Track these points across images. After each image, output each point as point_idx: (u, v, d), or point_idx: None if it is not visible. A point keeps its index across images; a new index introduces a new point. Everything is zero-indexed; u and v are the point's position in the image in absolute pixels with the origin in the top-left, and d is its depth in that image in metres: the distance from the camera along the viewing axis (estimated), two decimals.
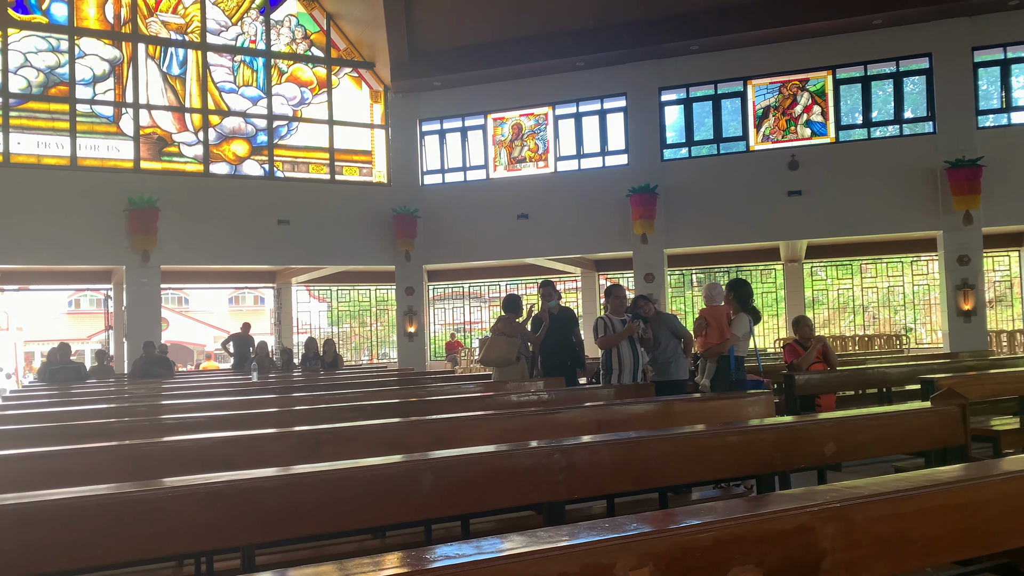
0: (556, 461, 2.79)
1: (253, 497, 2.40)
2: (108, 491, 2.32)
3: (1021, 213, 13.95)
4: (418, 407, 5.33)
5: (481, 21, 15.99)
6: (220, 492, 2.35)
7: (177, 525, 2.29)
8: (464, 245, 16.67)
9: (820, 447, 3.56)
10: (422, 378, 9.98)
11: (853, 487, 2.06)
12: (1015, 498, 2.29)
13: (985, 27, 13.89)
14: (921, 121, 14.43)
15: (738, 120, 15.36)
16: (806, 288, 18.12)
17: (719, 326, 6.58)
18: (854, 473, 6.53)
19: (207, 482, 2.38)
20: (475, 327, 21.33)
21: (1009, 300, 17.35)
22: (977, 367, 8.33)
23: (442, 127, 17.24)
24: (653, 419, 4.49)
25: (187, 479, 2.45)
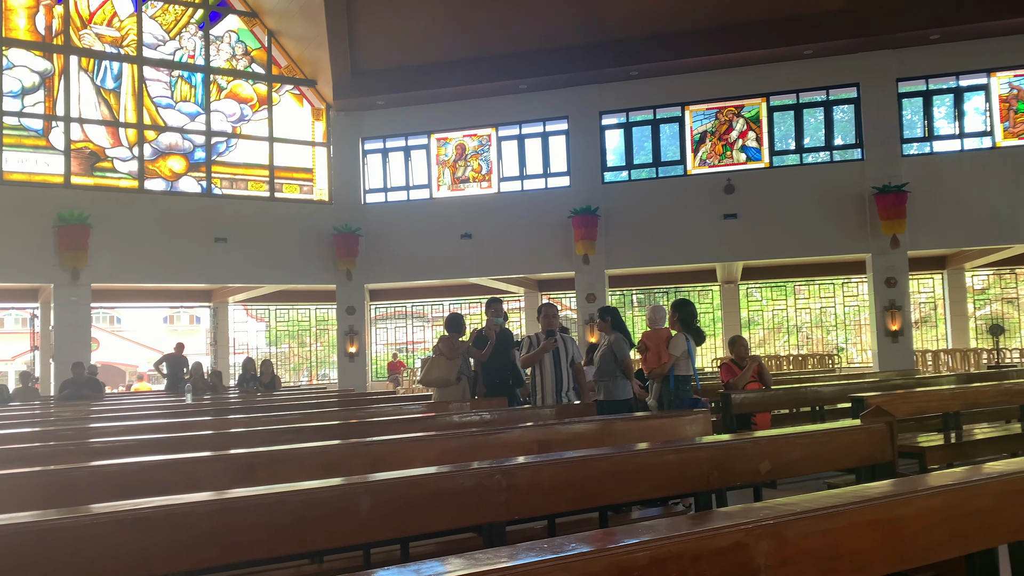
0: (497, 482, 2.78)
1: (184, 523, 2.33)
2: (29, 519, 2.22)
3: (944, 238, 14.57)
4: (358, 429, 5.26)
5: (425, 42, 16.04)
6: (149, 518, 2.27)
7: (103, 553, 2.20)
8: (407, 264, 16.59)
9: (755, 465, 3.63)
10: (362, 399, 9.84)
11: (786, 504, 2.11)
12: (939, 512, 2.37)
13: (908, 60, 14.55)
14: (850, 148, 14.98)
15: (676, 145, 15.71)
16: (742, 309, 18.54)
17: (657, 349, 6.72)
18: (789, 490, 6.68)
19: (135, 508, 2.30)
20: (418, 347, 21.19)
21: (934, 321, 18.05)
22: (904, 386, 8.61)
23: (385, 146, 17.18)
24: (594, 438, 4.51)
25: (114, 505, 2.36)
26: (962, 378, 9.76)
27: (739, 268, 17.61)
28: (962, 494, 2.42)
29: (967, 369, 15.44)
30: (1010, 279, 17.79)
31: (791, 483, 6.75)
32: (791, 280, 18.48)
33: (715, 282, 18.44)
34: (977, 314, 17.85)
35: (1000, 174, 14.09)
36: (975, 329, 17.41)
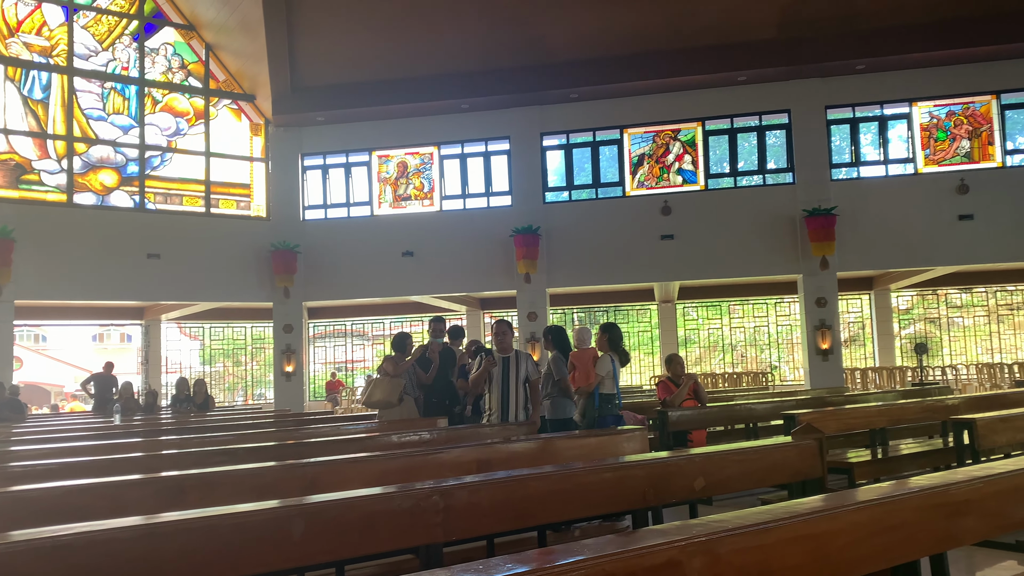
0: (434, 503, 2.76)
1: (108, 550, 2.24)
2: None
3: (870, 260, 15.10)
4: (293, 450, 5.16)
5: (366, 59, 15.99)
6: (70, 546, 2.18)
7: None
8: (347, 282, 16.41)
9: (691, 482, 3.68)
10: (299, 419, 9.65)
11: (718, 521, 2.14)
12: (865, 527, 2.43)
13: (836, 88, 15.12)
14: (782, 172, 15.46)
15: (615, 166, 15.97)
16: (679, 327, 18.86)
17: (585, 368, 6.84)
18: (724, 507, 6.80)
19: (55, 535, 2.21)
20: (357, 366, 20.92)
21: (862, 340, 18.66)
22: (834, 403, 8.86)
23: (325, 162, 17.01)
24: (533, 457, 4.52)
25: (32, 532, 2.26)
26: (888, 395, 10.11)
27: (676, 288, 17.93)
28: (886, 509, 2.49)
29: (893, 386, 15.99)
30: (932, 300, 18.54)
31: (726, 499, 6.87)
32: (726, 300, 18.89)
33: (653, 301, 18.73)
34: (902, 333, 18.53)
35: (921, 199, 14.70)
36: (901, 348, 18.06)
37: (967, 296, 18.39)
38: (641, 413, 8.50)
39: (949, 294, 18.39)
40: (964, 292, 18.32)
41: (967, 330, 18.46)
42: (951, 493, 2.70)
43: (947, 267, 15.66)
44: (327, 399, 19.00)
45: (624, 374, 19.37)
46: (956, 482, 2.76)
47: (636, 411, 8.58)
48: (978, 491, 2.78)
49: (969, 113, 14.87)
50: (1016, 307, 18.24)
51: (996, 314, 18.29)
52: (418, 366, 7.99)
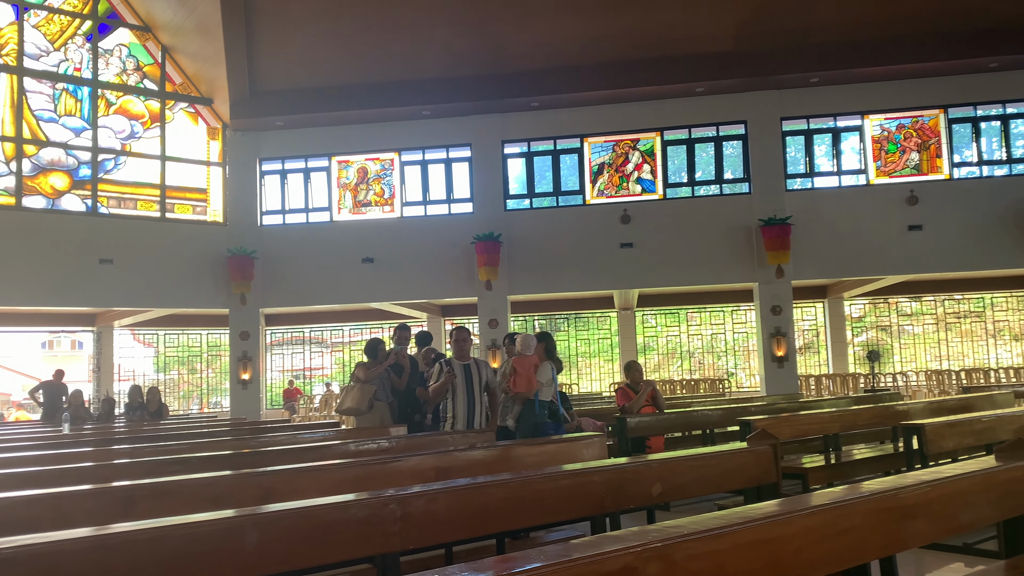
0: (391, 511, 2.74)
1: (54, 563, 2.18)
2: None
3: (825, 268, 15.42)
4: (249, 459, 5.07)
5: (327, 64, 15.87)
6: (12, 559, 2.11)
7: None
8: (305, 288, 16.23)
9: (648, 488, 3.71)
10: (255, 427, 9.51)
11: (674, 527, 2.16)
12: (817, 531, 2.47)
13: (792, 100, 15.43)
14: (738, 182, 15.70)
15: (576, 175, 16.07)
16: (638, 335, 19.02)
17: (527, 374, 6.87)
18: (681, 512, 6.85)
19: None
20: (316, 373, 20.69)
21: (816, 347, 19.02)
22: (788, 409, 8.98)
23: (284, 167, 16.83)
24: (492, 464, 4.51)
25: None
26: (841, 402, 10.31)
27: (635, 295, 18.08)
28: (838, 513, 2.54)
29: (846, 393, 16.30)
30: (884, 308, 18.99)
31: (683, 505, 6.92)
32: (684, 307, 19.11)
33: (613, 309, 18.86)
34: (855, 341, 18.93)
35: (873, 210, 15.06)
36: (854, 355, 18.44)
37: (917, 304, 18.87)
38: (600, 420, 8.56)
39: (900, 302, 18.85)
40: (914, 301, 18.80)
41: (917, 338, 18.94)
42: (900, 497, 2.75)
43: (897, 276, 16.05)
44: (284, 407, 18.74)
45: (584, 381, 19.55)
46: (905, 486, 2.81)
47: (595, 418, 8.63)
48: (926, 495, 2.84)
49: (918, 126, 15.29)
50: (963, 315, 18.77)
51: (944, 322, 18.80)
52: (392, 372, 7.92)
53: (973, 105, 15.12)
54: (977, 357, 18.50)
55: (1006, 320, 18.61)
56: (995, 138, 15.20)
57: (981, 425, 5.84)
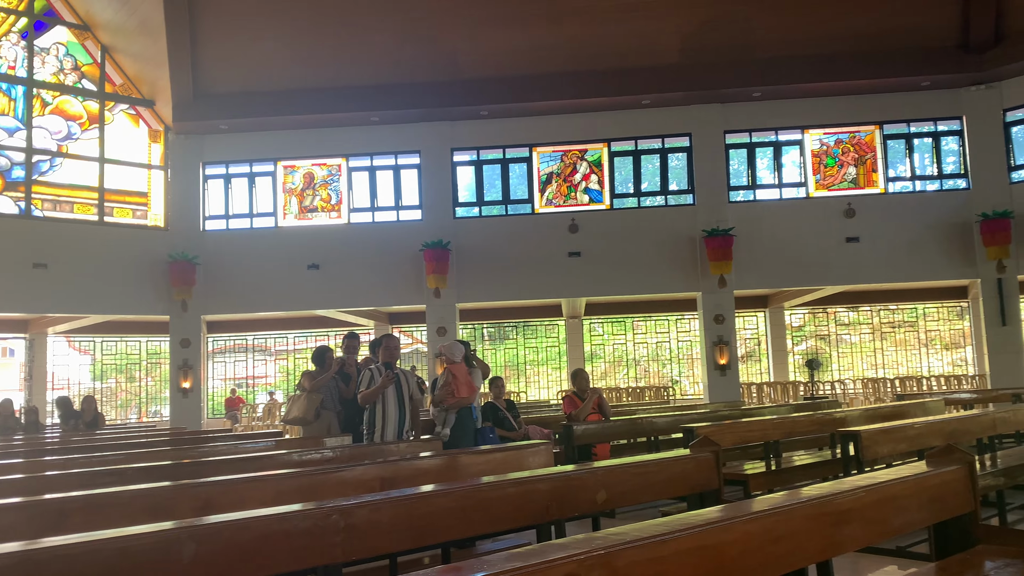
0: (334, 522, 2.70)
1: None
2: None
3: (766, 279, 15.77)
4: (188, 469, 4.95)
5: (273, 68, 15.66)
6: None
7: None
8: (249, 295, 15.93)
9: (593, 495, 3.73)
10: (196, 437, 9.28)
11: (616, 534, 2.18)
12: (756, 537, 2.51)
13: (735, 114, 15.77)
14: (683, 193, 15.97)
15: (525, 184, 16.15)
16: (585, 343, 19.17)
17: (466, 380, 6.88)
18: (626, 519, 6.92)
19: None
20: (259, 382, 20.31)
21: (758, 356, 19.43)
22: (731, 416, 9.15)
23: (228, 171, 16.52)
24: (439, 474, 4.49)
25: None
26: (782, 409, 10.53)
27: (583, 304, 18.22)
28: (776, 518, 2.58)
29: (787, 400, 16.68)
30: (823, 318, 19.50)
31: (628, 512, 6.99)
32: (630, 316, 19.33)
33: (561, 317, 18.97)
34: (795, 349, 19.40)
35: (812, 222, 15.47)
36: (794, 363, 18.89)
37: (854, 314, 19.43)
38: (547, 427, 8.60)
39: (838, 312, 19.38)
40: (851, 311, 19.36)
41: (854, 346, 19.49)
42: (836, 503, 2.82)
43: (836, 287, 16.50)
44: (226, 416, 18.35)
45: (533, 389, 19.61)
46: (841, 492, 2.88)
47: (542, 425, 8.67)
48: (861, 500, 2.91)
49: (855, 141, 15.78)
50: (897, 325, 19.39)
51: (880, 332, 19.39)
52: (340, 380, 7.80)
53: (907, 122, 15.67)
54: (911, 365, 19.12)
55: (937, 330, 19.29)
56: (927, 154, 15.78)
57: (913, 432, 6.03)
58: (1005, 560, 3.18)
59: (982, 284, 15.09)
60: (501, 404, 8.15)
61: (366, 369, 6.90)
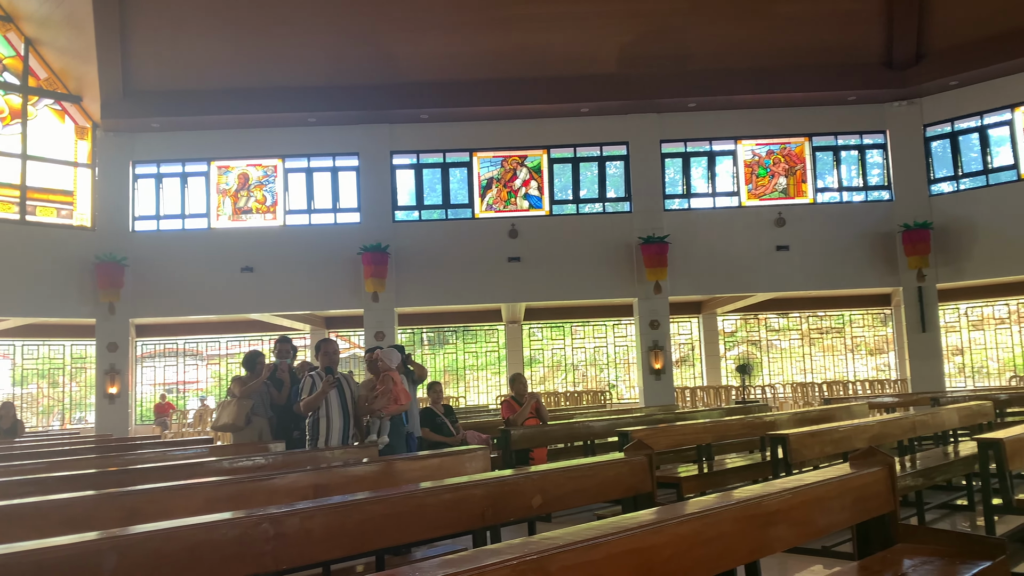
0: (264, 531, 2.65)
1: None
2: None
3: (700, 285, 16.09)
4: (113, 478, 4.79)
5: (207, 65, 15.30)
6: None
7: None
8: (180, 298, 15.50)
9: (528, 500, 3.75)
10: (122, 445, 8.98)
11: (549, 539, 2.19)
12: (687, 539, 2.55)
13: (671, 123, 16.08)
14: (620, 201, 16.19)
15: (465, 188, 16.14)
16: (525, 347, 19.26)
17: (403, 388, 6.86)
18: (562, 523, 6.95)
19: None
20: (190, 387, 19.77)
21: (692, 360, 19.81)
22: (665, 420, 9.29)
23: (159, 171, 16.06)
24: (374, 480, 4.44)
25: None
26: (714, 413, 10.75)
27: (522, 309, 18.30)
28: (706, 521, 2.63)
29: (719, 404, 17.05)
30: (754, 324, 20.01)
31: (564, 516, 7.04)
32: (569, 321, 19.50)
33: (501, 322, 19.02)
34: (728, 354, 19.85)
35: (744, 230, 15.87)
36: (726, 368, 19.32)
37: (784, 320, 20.00)
38: (485, 432, 8.60)
39: (768, 318, 19.92)
40: (781, 317, 19.92)
41: (784, 352, 20.06)
42: (764, 504, 2.88)
43: (766, 293, 16.96)
44: (156, 423, 17.80)
45: (472, 394, 19.58)
46: (769, 494, 2.95)
47: (480, 430, 8.66)
48: (788, 502, 2.98)
49: (786, 153, 16.26)
50: (825, 331, 20.03)
51: (808, 337, 20.01)
52: (272, 386, 7.63)
53: (834, 135, 16.22)
54: (837, 370, 19.78)
55: (863, 336, 19.99)
56: (853, 166, 16.35)
57: (839, 435, 6.22)
58: (922, 558, 3.31)
59: (904, 292, 15.71)
60: (439, 409, 8.12)
61: (307, 375, 6.76)
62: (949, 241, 15.29)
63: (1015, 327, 18.35)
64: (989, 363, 18.75)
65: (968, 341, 18.90)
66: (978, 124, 15.39)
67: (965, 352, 18.93)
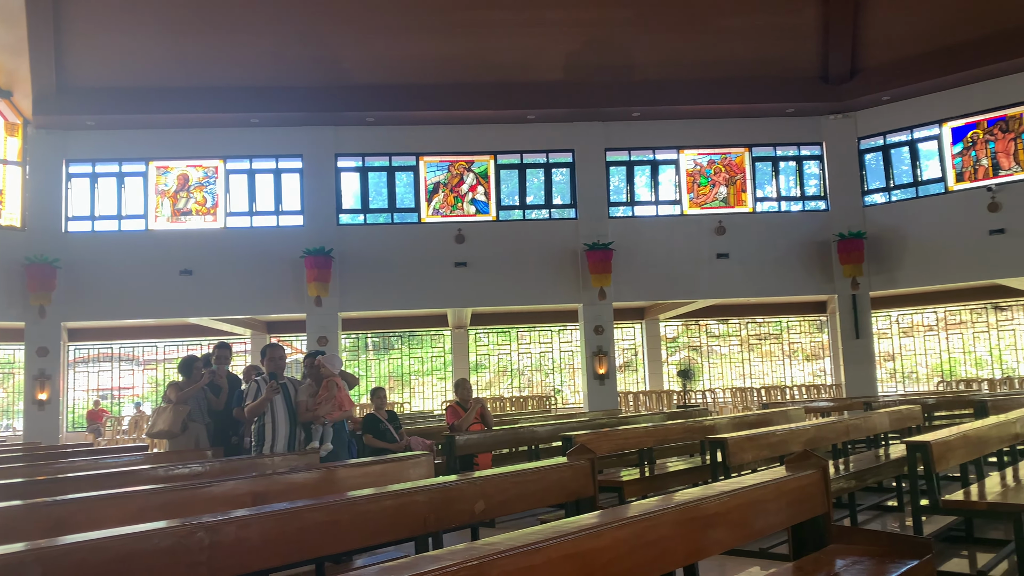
0: (198, 540, 2.58)
1: None
2: None
3: (643, 291, 16.31)
4: (41, 487, 4.62)
5: (145, 62, 14.92)
6: None
7: None
8: (115, 301, 15.04)
9: (471, 505, 3.74)
10: (52, 453, 8.67)
11: (490, 544, 2.19)
12: (626, 542, 2.58)
13: (615, 132, 16.28)
14: (566, 208, 16.32)
15: (411, 193, 16.05)
16: (471, 353, 19.24)
17: (346, 393, 6.81)
18: (506, 528, 6.95)
19: None
20: (125, 393, 19.21)
21: (635, 366, 20.06)
22: (608, 425, 9.39)
23: (94, 170, 15.58)
24: (315, 488, 4.38)
25: None
26: (656, 417, 10.90)
27: (469, 314, 18.27)
28: (645, 524, 2.66)
29: (661, 409, 17.29)
30: (695, 329, 20.37)
31: (508, 520, 7.04)
32: (515, 326, 19.55)
33: (447, 327, 18.96)
34: (670, 360, 20.15)
35: (686, 238, 16.14)
36: (668, 373, 19.61)
37: (724, 327, 20.41)
38: (430, 438, 8.55)
39: (709, 325, 20.31)
40: (722, 323, 20.32)
41: (724, 357, 20.46)
42: (703, 507, 2.93)
43: (707, 300, 17.27)
44: (88, 430, 17.22)
45: (417, 399, 19.47)
46: (707, 497, 3.00)
47: (425, 436, 8.62)
48: (725, 504, 3.04)
49: (726, 163, 16.61)
50: (764, 337, 20.51)
51: (748, 343, 20.45)
52: (209, 391, 7.46)
53: (773, 146, 16.63)
54: (775, 375, 20.25)
55: (800, 342, 20.52)
56: (791, 177, 16.80)
57: (776, 439, 6.37)
58: (853, 558, 3.40)
59: (839, 300, 16.18)
60: (382, 415, 8.05)
61: (251, 381, 6.64)
62: (881, 250, 15.81)
63: (943, 334, 19.07)
64: (919, 368, 19.45)
65: (899, 347, 19.58)
66: (909, 138, 15.97)
67: (896, 358, 19.60)
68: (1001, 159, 14.92)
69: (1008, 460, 7.35)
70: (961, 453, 5.37)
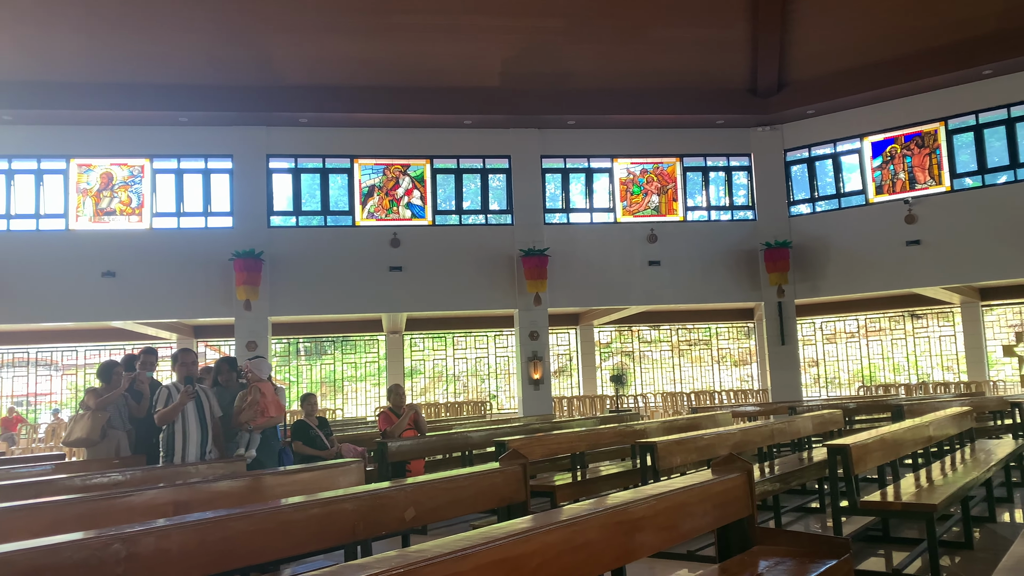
0: (115, 552, 2.49)
1: None
2: None
3: (578, 297, 16.47)
4: None
5: (66, 56, 14.34)
6: None
7: None
8: (32, 304, 14.40)
9: (402, 512, 3.71)
10: None
11: (417, 551, 2.17)
12: (555, 547, 2.59)
13: (551, 139, 16.41)
14: (502, 213, 16.36)
15: (346, 195, 15.85)
16: (406, 358, 19.10)
17: (273, 399, 6.70)
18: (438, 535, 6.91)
19: None
20: (43, 399, 18.41)
21: (569, 371, 20.23)
22: (542, 429, 9.44)
23: (10, 167, 14.91)
24: (241, 496, 4.28)
25: None
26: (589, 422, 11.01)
27: (404, 319, 18.12)
28: (574, 529, 2.68)
29: (594, 413, 17.48)
30: (628, 335, 20.67)
31: (440, 527, 7.01)
32: (451, 332, 19.49)
33: (381, 332, 18.77)
34: (603, 365, 20.38)
35: (619, 246, 16.37)
36: (602, 378, 19.84)
37: (656, 332, 20.76)
38: (362, 445, 8.46)
39: (641, 330, 20.63)
40: (653, 329, 20.67)
41: (655, 362, 20.82)
42: (631, 511, 2.97)
43: (639, 306, 17.55)
44: (2, 438, 16.42)
45: (350, 405, 19.20)
46: (635, 500, 3.04)
47: (357, 443, 8.52)
48: (653, 507, 3.08)
49: (659, 172, 16.92)
50: (694, 343, 20.94)
51: (678, 349, 20.85)
52: (130, 397, 7.18)
53: (703, 156, 17.02)
54: (705, 380, 20.70)
55: (728, 348, 21.03)
56: (721, 187, 17.22)
57: (704, 442, 6.51)
58: (776, 559, 3.49)
59: (765, 307, 16.64)
60: (312, 422, 7.91)
61: (163, 387, 6.42)
62: (806, 259, 16.34)
63: (863, 341, 19.81)
64: (841, 374, 20.16)
65: (823, 353, 20.25)
66: (832, 151, 16.55)
67: (820, 364, 20.27)
68: (917, 173, 15.60)
69: (922, 462, 7.67)
70: (879, 455, 5.58)
